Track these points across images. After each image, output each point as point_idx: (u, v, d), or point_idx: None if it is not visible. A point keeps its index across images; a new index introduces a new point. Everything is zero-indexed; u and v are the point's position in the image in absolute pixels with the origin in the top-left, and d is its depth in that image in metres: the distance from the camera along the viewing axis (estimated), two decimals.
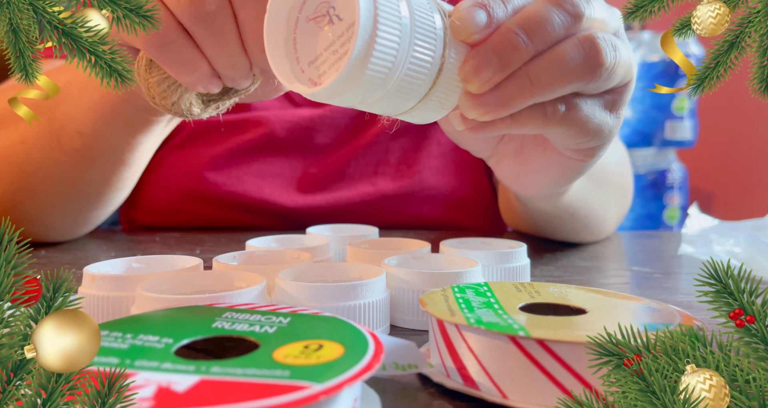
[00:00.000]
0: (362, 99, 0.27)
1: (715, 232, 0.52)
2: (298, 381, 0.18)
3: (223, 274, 0.33)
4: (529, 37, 0.28)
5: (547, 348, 0.23)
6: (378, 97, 0.27)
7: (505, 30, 0.29)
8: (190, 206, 0.67)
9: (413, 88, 0.28)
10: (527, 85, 0.29)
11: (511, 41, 0.28)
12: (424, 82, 0.28)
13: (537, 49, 0.29)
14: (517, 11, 0.30)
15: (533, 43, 0.29)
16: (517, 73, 0.29)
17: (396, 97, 0.28)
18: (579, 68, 0.30)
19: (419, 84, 0.28)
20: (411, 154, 0.68)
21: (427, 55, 0.27)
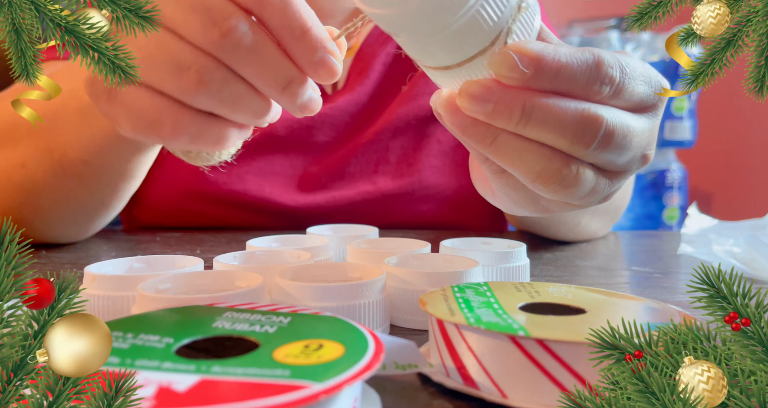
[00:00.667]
0: (433, 24, 0.25)
1: (715, 232, 0.52)
2: (299, 380, 0.18)
3: (223, 273, 0.33)
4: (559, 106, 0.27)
5: (547, 348, 0.23)
6: (445, 31, 0.25)
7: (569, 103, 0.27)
8: (191, 205, 0.67)
9: (479, 32, 0.26)
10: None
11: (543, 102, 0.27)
12: (491, 28, 0.26)
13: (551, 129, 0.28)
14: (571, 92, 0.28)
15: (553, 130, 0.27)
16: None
17: (460, 39, 0.26)
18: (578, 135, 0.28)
19: (486, 29, 0.26)
20: (411, 152, 0.68)
21: (498, 7, 0.25)
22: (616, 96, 0.28)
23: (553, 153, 0.28)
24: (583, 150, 0.28)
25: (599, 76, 0.27)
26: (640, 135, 0.30)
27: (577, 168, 0.29)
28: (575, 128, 0.27)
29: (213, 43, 0.28)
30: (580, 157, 0.29)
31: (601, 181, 0.31)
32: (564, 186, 0.29)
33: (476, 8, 0.25)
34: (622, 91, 0.28)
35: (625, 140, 0.29)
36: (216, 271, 0.33)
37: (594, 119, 0.27)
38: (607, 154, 0.29)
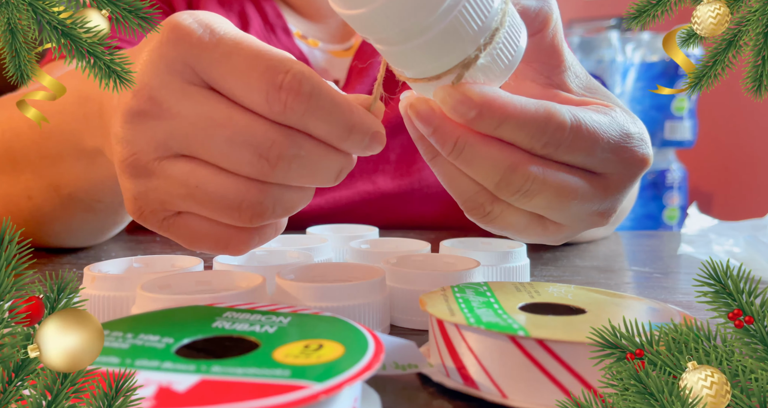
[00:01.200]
0: (407, 25, 0.24)
1: (715, 232, 0.52)
2: (299, 380, 0.18)
3: (223, 273, 0.33)
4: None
5: (547, 348, 0.23)
6: (423, 35, 0.25)
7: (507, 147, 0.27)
8: None
9: (455, 43, 0.25)
10: None
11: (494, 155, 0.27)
12: (467, 41, 0.25)
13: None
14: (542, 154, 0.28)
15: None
16: None
17: (434, 48, 0.25)
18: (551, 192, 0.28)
19: (462, 41, 0.25)
20: (411, 152, 0.68)
21: (479, 9, 0.25)
22: (562, 154, 0.28)
23: (483, 188, 0.29)
24: (505, 195, 0.28)
25: (547, 131, 0.27)
26: (582, 196, 0.29)
27: (503, 209, 0.29)
28: (499, 175, 0.27)
29: (265, 175, 0.27)
30: (506, 200, 0.29)
31: (537, 228, 0.30)
32: (487, 220, 0.30)
33: (454, 14, 0.24)
34: (567, 152, 0.28)
35: (558, 200, 0.28)
36: (216, 271, 0.33)
37: (521, 172, 0.27)
38: (534, 204, 0.29)
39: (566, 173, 0.28)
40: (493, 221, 0.30)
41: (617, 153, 0.29)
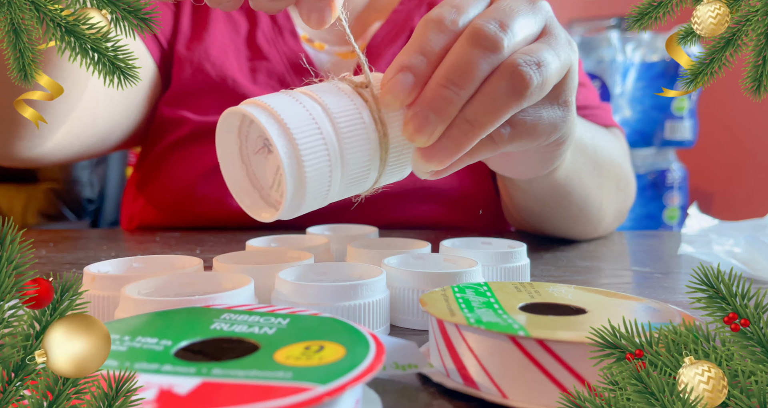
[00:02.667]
0: (321, 201, 0.30)
1: (715, 232, 0.52)
2: (301, 382, 0.18)
3: (210, 275, 0.33)
4: (458, 87, 0.30)
5: (547, 348, 0.23)
6: (338, 192, 0.30)
7: (434, 85, 0.30)
8: (191, 206, 0.67)
9: (363, 173, 0.30)
10: (469, 128, 0.31)
11: (442, 94, 0.30)
12: (371, 163, 0.30)
13: (468, 94, 0.30)
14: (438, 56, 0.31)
15: (464, 91, 0.30)
16: (456, 120, 0.31)
17: (355, 186, 0.31)
18: (509, 98, 0.31)
19: (367, 167, 0.30)
20: None
21: (361, 143, 0.29)
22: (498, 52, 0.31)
23: None
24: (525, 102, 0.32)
25: None
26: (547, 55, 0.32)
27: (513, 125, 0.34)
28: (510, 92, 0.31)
29: None
30: None
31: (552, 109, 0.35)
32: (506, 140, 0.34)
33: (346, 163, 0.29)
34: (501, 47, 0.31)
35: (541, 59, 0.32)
36: (203, 272, 0.33)
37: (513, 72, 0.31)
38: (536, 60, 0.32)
39: None
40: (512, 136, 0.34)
41: None
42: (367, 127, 0.30)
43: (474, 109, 0.31)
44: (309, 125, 0.28)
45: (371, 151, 0.30)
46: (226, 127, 0.31)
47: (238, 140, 0.32)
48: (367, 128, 0.30)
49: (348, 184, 0.30)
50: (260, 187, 0.32)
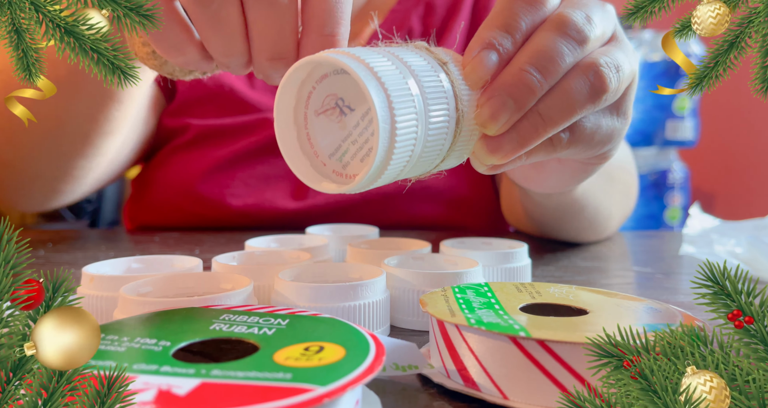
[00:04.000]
0: (392, 179, 0.27)
1: (717, 232, 0.51)
2: (301, 384, 0.18)
3: (209, 275, 0.32)
4: (542, 75, 0.28)
5: (548, 349, 0.23)
6: (406, 172, 0.27)
7: (517, 70, 0.28)
8: (190, 206, 0.67)
9: (437, 151, 0.27)
10: (540, 123, 0.29)
11: (525, 82, 0.28)
12: (445, 142, 0.27)
13: (549, 86, 0.29)
14: (523, 36, 0.29)
15: (546, 82, 0.28)
16: (529, 112, 0.29)
17: (422, 165, 0.28)
18: (585, 99, 0.29)
19: (442, 145, 0.27)
20: None
21: (443, 119, 0.27)
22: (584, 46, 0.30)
23: None
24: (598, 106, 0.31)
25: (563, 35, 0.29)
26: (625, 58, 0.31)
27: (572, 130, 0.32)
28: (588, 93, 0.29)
29: None
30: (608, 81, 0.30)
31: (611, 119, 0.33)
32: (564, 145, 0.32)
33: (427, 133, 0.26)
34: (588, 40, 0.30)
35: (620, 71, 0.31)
36: (201, 272, 0.33)
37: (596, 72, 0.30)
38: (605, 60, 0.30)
39: None
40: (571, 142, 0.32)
41: None
42: (449, 101, 0.27)
43: (549, 105, 0.29)
44: (402, 87, 0.25)
45: (449, 127, 0.27)
46: (291, 81, 0.27)
47: (295, 98, 0.28)
48: (449, 102, 0.27)
49: (421, 159, 0.27)
50: (314, 154, 0.28)
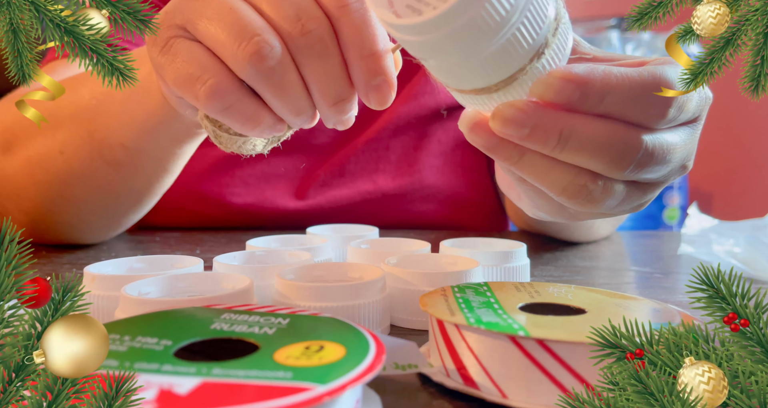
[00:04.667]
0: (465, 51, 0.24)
1: (715, 232, 0.52)
2: (301, 382, 0.18)
3: (210, 275, 0.33)
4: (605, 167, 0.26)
5: (547, 348, 0.23)
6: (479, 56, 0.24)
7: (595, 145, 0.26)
8: (192, 207, 0.67)
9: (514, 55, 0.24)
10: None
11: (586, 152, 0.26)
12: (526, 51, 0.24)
13: None
14: None
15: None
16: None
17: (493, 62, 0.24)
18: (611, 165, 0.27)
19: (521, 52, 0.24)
20: (411, 152, 0.68)
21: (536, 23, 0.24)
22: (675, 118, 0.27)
23: (580, 170, 0.27)
24: (617, 173, 0.27)
25: (653, 97, 0.25)
26: (680, 150, 0.28)
27: (605, 183, 0.27)
28: (611, 154, 0.26)
29: (290, 35, 0.28)
30: (614, 177, 0.27)
31: (634, 194, 0.29)
32: (590, 200, 0.28)
33: (513, 31, 0.23)
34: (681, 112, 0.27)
35: (663, 159, 0.27)
36: (202, 273, 0.33)
37: (633, 144, 0.26)
38: (642, 174, 0.27)
39: (671, 132, 0.28)
40: (596, 201, 0.28)
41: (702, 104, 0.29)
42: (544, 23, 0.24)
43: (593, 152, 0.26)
44: None
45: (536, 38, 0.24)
46: None
47: None
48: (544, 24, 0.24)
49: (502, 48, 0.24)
50: None
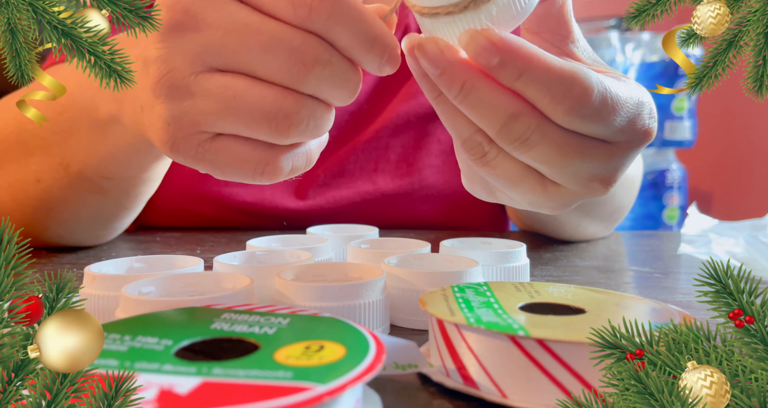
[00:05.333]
0: None
1: (715, 232, 0.52)
2: (301, 382, 0.18)
3: (210, 275, 0.33)
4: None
5: (547, 347, 0.23)
6: None
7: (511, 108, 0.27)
8: (191, 206, 0.67)
9: None
10: None
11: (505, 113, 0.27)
12: None
13: None
14: None
15: None
16: None
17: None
18: None
19: None
20: (411, 152, 0.68)
21: None
22: (581, 124, 0.27)
23: (479, 130, 0.28)
24: (505, 144, 0.28)
25: (571, 94, 0.26)
26: (584, 158, 0.28)
27: (499, 152, 0.29)
28: (501, 125, 0.27)
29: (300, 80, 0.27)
30: (504, 147, 0.28)
31: (536, 183, 0.30)
32: (485, 163, 0.29)
33: None
34: (587, 122, 0.27)
35: (560, 157, 0.28)
36: (202, 272, 0.33)
37: (523, 123, 0.27)
38: (535, 161, 0.28)
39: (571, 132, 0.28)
40: (488, 164, 0.29)
41: (631, 124, 0.29)
42: None
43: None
44: None
45: None
46: None
47: None
48: None
49: None
50: None
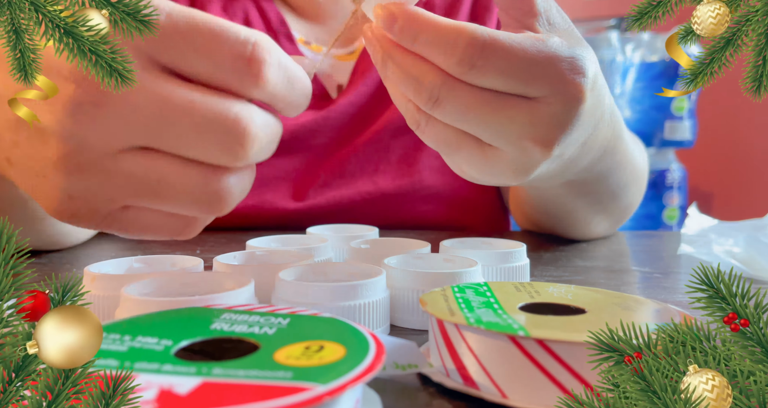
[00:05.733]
0: None
1: (715, 232, 0.52)
2: (301, 382, 0.18)
3: (210, 275, 0.33)
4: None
5: (547, 348, 0.23)
6: None
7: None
8: None
9: None
10: None
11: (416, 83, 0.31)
12: None
13: None
14: None
15: None
16: None
17: None
18: None
19: None
20: (412, 152, 0.68)
21: None
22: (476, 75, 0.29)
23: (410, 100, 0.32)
24: (422, 105, 0.31)
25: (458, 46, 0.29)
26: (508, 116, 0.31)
27: (428, 120, 0.32)
28: (411, 88, 0.30)
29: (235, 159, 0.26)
30: (426, 111, 0.31)
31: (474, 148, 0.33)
32: (420, 132, 0.33)
33: None
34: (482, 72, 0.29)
35: (479, 114, 0.30)
36: (202, 272, 0.33)
37: (428, 82, 0.30)
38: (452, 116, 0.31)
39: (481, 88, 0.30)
40: (424, 133, 0.33)
41: (544, 76, 0.30)
42: None
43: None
44: None
45: None
46: None
47: None
48: None
49: None
50: None
